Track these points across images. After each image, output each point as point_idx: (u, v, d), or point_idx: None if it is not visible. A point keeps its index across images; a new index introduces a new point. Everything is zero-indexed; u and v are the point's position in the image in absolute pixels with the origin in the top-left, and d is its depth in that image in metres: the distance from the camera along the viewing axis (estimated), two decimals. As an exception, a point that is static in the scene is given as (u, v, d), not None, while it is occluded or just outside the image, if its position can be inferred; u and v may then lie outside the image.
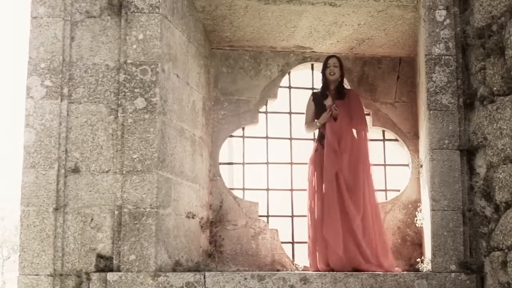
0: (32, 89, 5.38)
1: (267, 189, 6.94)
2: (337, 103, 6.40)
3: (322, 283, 5.31)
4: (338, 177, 6.19)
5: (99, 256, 5.30)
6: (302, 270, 6.50)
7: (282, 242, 6.77)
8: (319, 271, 5.95)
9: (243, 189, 6.93)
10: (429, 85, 5.67)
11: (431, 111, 5.64)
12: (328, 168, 6.20)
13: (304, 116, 6.67)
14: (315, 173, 6.35)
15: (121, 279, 5.18)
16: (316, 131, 6.59)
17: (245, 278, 5.28)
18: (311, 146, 6.61)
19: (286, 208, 7.00)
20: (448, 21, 5.72)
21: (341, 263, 5.95)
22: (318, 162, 6.34)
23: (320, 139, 6.42)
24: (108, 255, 5.30)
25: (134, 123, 5.37)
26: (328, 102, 6.47)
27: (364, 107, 6.73)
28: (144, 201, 5.29)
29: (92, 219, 5.33)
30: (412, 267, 6.33)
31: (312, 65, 7.17)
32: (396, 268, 6.17)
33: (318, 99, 6.55)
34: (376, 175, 6.57)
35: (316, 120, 6.47)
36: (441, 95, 5.64)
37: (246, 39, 6.81)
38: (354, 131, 6.43)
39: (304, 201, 6.50)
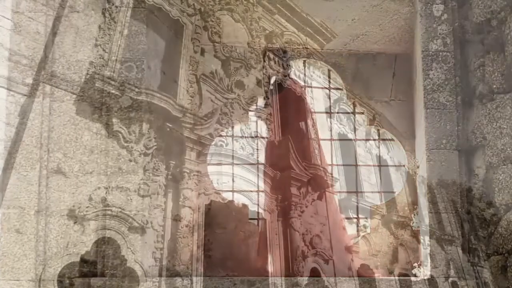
0: (13, 87, 5.22)
1: (258, 191, 6.82)
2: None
3: (314, 289, 5.23)
4: None
5: (83, 261, 5.15)
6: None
7: (274, 246, 6.64)
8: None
9: (233, 191, 6.81)
10: (426, 83, 5.60)
11: (428, 110, 5.57)
12: None
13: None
14: None
15: (105, 285, 5.07)
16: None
17: (235, 284, 5.20)
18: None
19: (277, 210, 6.88)
20: (445, 16, 5.65)
21: None
22: None
23: None
24: (92, 259, 5.17)
25: (119, 122, 5.26)
26: None
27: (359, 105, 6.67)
28: (128, 203, 5.19)
29: (75, 222, 5.20)
30: (408, 272, 6.23)
31: (305, 61, 7.06)
32: (393, 274, 6.10)
33: None
34: (372, 176, 6.50)
35: None
36: (439, 93, 5.57)
37: (236, 35, 6.70)
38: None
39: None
